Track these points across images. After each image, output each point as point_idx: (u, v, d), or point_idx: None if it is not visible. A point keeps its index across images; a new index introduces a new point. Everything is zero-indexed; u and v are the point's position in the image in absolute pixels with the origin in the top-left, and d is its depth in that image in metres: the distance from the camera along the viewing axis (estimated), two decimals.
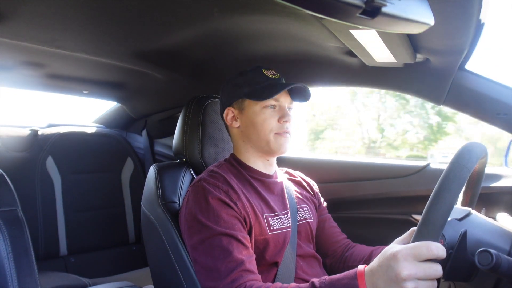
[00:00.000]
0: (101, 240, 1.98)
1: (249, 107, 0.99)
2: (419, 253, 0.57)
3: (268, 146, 0.98)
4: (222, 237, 0.83)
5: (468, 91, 1.08)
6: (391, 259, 0.59)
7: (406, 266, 0.57)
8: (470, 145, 0.65)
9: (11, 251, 0.79)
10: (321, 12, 0.54)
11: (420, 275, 0.57)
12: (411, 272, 0.57)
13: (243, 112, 1.00)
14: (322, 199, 1.18)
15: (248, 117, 0.99)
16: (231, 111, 1.02)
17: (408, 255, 0.58)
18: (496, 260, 0.56)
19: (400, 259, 0.58)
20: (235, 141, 1.05)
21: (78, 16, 0.95)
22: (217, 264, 0.81)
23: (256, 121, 0.97)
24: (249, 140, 1.00)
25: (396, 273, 0.58)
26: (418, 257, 0.57)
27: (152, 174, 1.09)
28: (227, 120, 1.03)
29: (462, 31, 0.81)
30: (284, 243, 0.95)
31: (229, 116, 1.02)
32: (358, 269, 0.66)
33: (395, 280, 0.58)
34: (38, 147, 1.86)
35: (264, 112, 0.97)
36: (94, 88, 1.82)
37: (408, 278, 0.57)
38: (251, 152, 1.02)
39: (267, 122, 0.96)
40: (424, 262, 0.57)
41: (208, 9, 0.90)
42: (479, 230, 0.67)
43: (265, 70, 1.00)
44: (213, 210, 0.87)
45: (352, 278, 0.66)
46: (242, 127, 1.01)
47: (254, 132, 0.98)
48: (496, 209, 1.05)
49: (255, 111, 0.97)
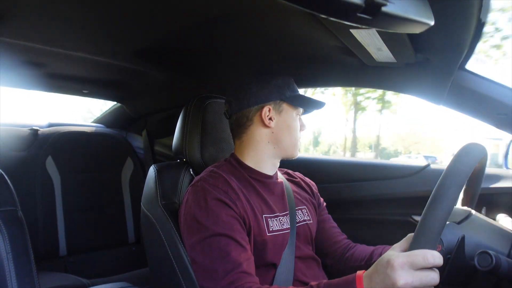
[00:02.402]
0: (100, 240, 1.97)
1: (287, 111, 1.00)
2: (414, 261, 0.58)
3: (293, 151, 1.03)
4: (220, 237, 0.83)
5: (468, 91, 1.07)
6: (388, 267, 0.60)
7: (402, 275, 0.58)
8: (468, 147, 0.64)
9: (10, 251, 0.79)
10: (321, 12, 0.54)
11: (416, 284, 0.57)
12: (407, 281, 0.57)
13: (281, 114, 1.00)
14: (322, 199, 1.18)
15: (285, 121, 1.00)
16: (269, 109, 0.99)
17: (404, 263, 0.58)
18: (495, 262, 0.56)
19: (396, 268, 0.59)
20: (255, 140, 1.00)
21: (78, 16, 0.95)
22: (214, 264, 0.81)
23: (292, 127, 1.01)
24: (277, 142, 1.00)
25: (392, 282, 0.58)
26: (414, 266, 0.58)
27: (152, 174, 1.09)
28: (264, 117, 0.98)
29: (462, 30, 0.81)
30: (283, 245, 0.95)
31: (267, 114, 0.99)
32: (357, 274, 0.67)
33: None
34: (38, 147, 1.86)
35: (297, 120, 1.03)
36: (94, 88, 1.83)
37: (405, 287, 0.57)
38: (270, 154, 1.01)
39: (298, 130, 1.03)
40: (420, 271, 0.58)
41: (209, 9, 0.90)
42: (478, 233, 0.67)
43: None
44: (212, 210, 0.86)
45: (350, 283, 0.66)
46: (275, 129, 1.00)
47: (287, 135, 1.00)
48: (496, 210, 1.05)
49: (292, 117, 1.01)
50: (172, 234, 0.96)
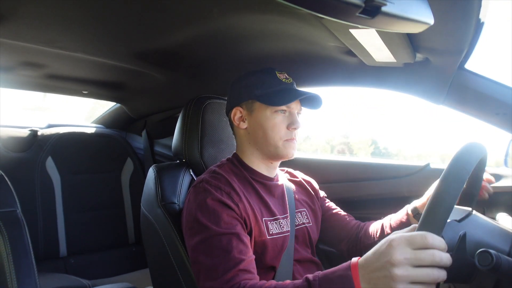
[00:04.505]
0: (100, 241, 1.98)
1: (259, 109, 0.96)
2: (414, 240, 0.56)
3: (276, 151, 0.96)
4: (222, 237, 0.83)
5: (467, 90, 1.07)
6: (386, 246, 0.58)
7: (399, 251, 0.56)
8: (469, 146, 0.64)
9: (10, 252, 0.79)
10: (321, 12, 0.54)
11: (413, 261, 0.55)
12: (404, 256, 0.55)
13: (252, 114, 0.97)
14: (322, 192, 1.18)
15: (257, 120, 0.96)
16: (240, 111, 0.99)
17: (402, 241, 0.56)
18: (496, 261, 0.56)
19: (393, 245, 0.57)
20: (240, 142, 1.03)
21: (78, 16, 0.95)
22: (215, 263, 0.81)
23: (266, 126, 0.95)
24: (255, 143, 0.98)
25: (387, 258, 0.56)
26: (413, 244, 0.56)
27: (151, 174, 1.09)
28: (234, 120, 1.00)
29: (461, 30, 0.81)
30: (282, 248, 0.95)
31: (236, 116, 1.00)
32: (352, 261, 0.65)
33: (386, 266, 0.56)
34: (37, 148, 1.86)
35: (274, 117, 0.95)
36: (94, 89, 1.82)
37: (399, 263, 0.55)
38: (256, 155, 1.00)
39: (277, 128, 0.95)
40: (418, 250, 0.56)
41: (208, 9, 0.90)
42: (479, 231, 0.67)
43: (278, 72, 0.98)
44: (214, 211, 0.86)
45: (345, 269, 0.64)
46: (250, 129, 0.99)
47: (262, 136, 0.96)
48: (496, 209, 1.05)
49: (265, 115, 0.95)
50: (171, 234, 0.95)
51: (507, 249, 0.64)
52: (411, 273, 0.55)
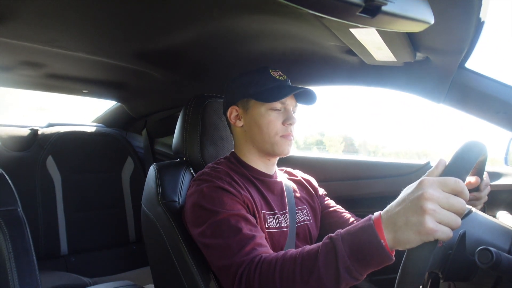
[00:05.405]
0: (101, 240, 1.98)
1: (254, 107, 0.98)
2: (446, 182, 0.54)
3: (272, 148, 0.98)
4: (229, 217, 0.83)
5: (468, 89, 1.07)
6: (416, 186, 0.56)
7: (431, 188, 0.54)
8: (468, 145, 0.64)
9: (11, 251, 0.79)
10: (321, 11, 0.54)
11: (443, 201, 0.53)
12: (436, 194, 0.53)
13: (247, 112, 1.00)
14: (322, 190, 1.19)
15: (253, 118, 0.98)
16: (235, 109, 1.02)
17: (435, 182, 0.54)
18: (496, 258, 0.56)
19: (426, 184, 0.54)
20: (237, 140, 1.05)
21: (78, 16, 0.95)
22: (228, 242, 0.80)
23: (261, 123, 0.97)
24: (252, 141, 1.00)
25: (420, 193, 0.54)
26: (445, 186, 0.54)
27: (152, 173, 1.09)
28: (230, 118, 1.03)
29: (462, 29, 0.81)
30: (279, 243, 0.95)
31: (232, 115, 1.02)
32: (374, 214, 0.63)
33: (416, 202, 0.54)
34: (38, 147, 1.86)
35: (269, 114, 0.97)
36: (94, 88, 1.83)
37: (431, 198, 0.53)
38: (253, 153, 1.02)
39: (272, 124, 0.97)
40: (449, 194, 0.54)
41: (208, 9, 0.90)
42: (478, 229, 0.67)
43: (272, 70, 1.00)
44: (218, 197, 0.87)
45: (367, 219, 0.63)
46: (246, 127, 1.01)
47: (258, 133, 0.98)
48: (496, 207, 1.05)
49: (260, 113, 0.97)
50: (172, 232, 0.96)
51: (507, 247, 0.64)
52: (441, 212, 0.53)
